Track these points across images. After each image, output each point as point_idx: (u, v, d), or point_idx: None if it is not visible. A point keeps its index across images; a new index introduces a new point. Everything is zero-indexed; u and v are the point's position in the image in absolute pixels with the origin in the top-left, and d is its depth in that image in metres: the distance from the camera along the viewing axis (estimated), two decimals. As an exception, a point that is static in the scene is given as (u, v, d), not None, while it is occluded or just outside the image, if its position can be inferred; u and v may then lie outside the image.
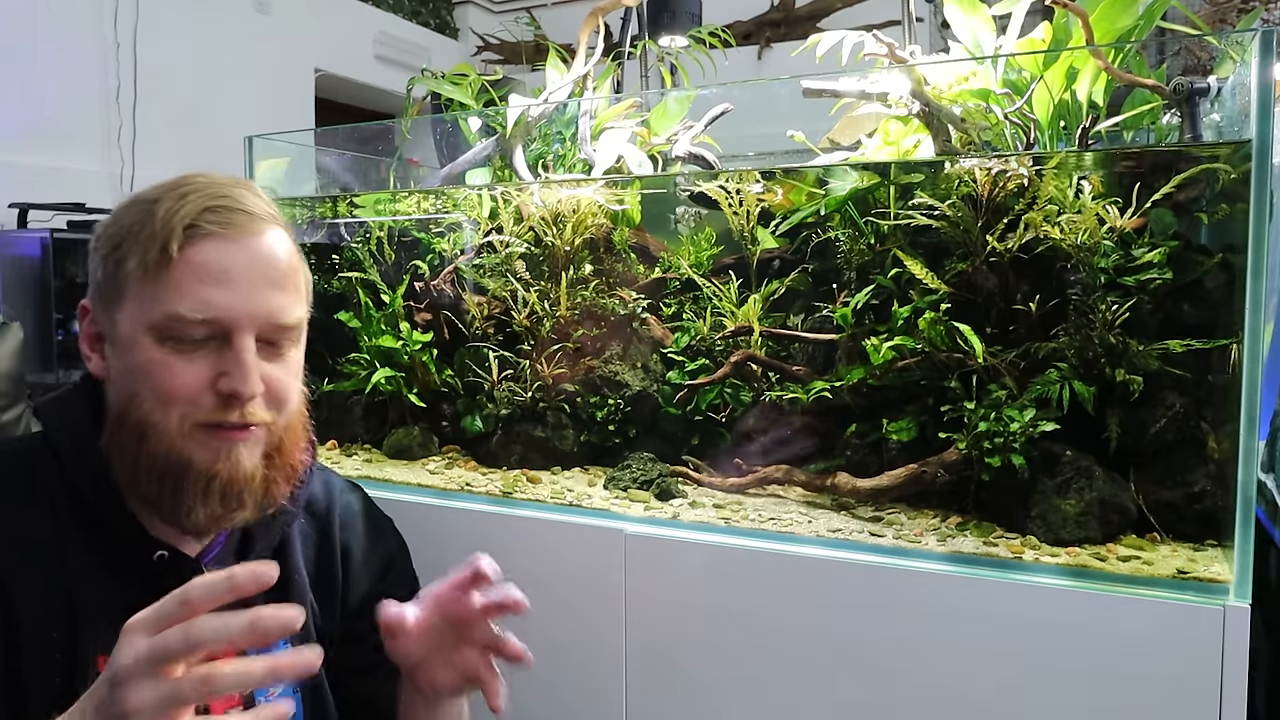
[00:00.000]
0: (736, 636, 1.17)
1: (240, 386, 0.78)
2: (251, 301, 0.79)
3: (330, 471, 1.06)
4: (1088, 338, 1.14)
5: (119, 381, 0.81)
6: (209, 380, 0.79)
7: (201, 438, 0.79)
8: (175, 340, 0.78)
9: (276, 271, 0.82)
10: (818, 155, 1.44)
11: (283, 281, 0.82)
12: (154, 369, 0.78)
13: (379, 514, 1.08)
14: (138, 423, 0.79)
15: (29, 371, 2.22)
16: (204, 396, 0.79)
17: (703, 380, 1.41)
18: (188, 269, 0.78)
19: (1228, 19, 2.46)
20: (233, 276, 0.79)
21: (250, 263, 0.80)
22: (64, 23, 3.68)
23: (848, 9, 5.19)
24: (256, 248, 0.81)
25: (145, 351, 0.78)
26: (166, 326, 0.78)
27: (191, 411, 0.79)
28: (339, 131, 2.09)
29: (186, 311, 0.77)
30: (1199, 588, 0.99)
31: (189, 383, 0.78)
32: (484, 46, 6.01)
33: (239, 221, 0.80)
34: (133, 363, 0.79)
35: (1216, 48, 1.47)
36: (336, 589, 0.99)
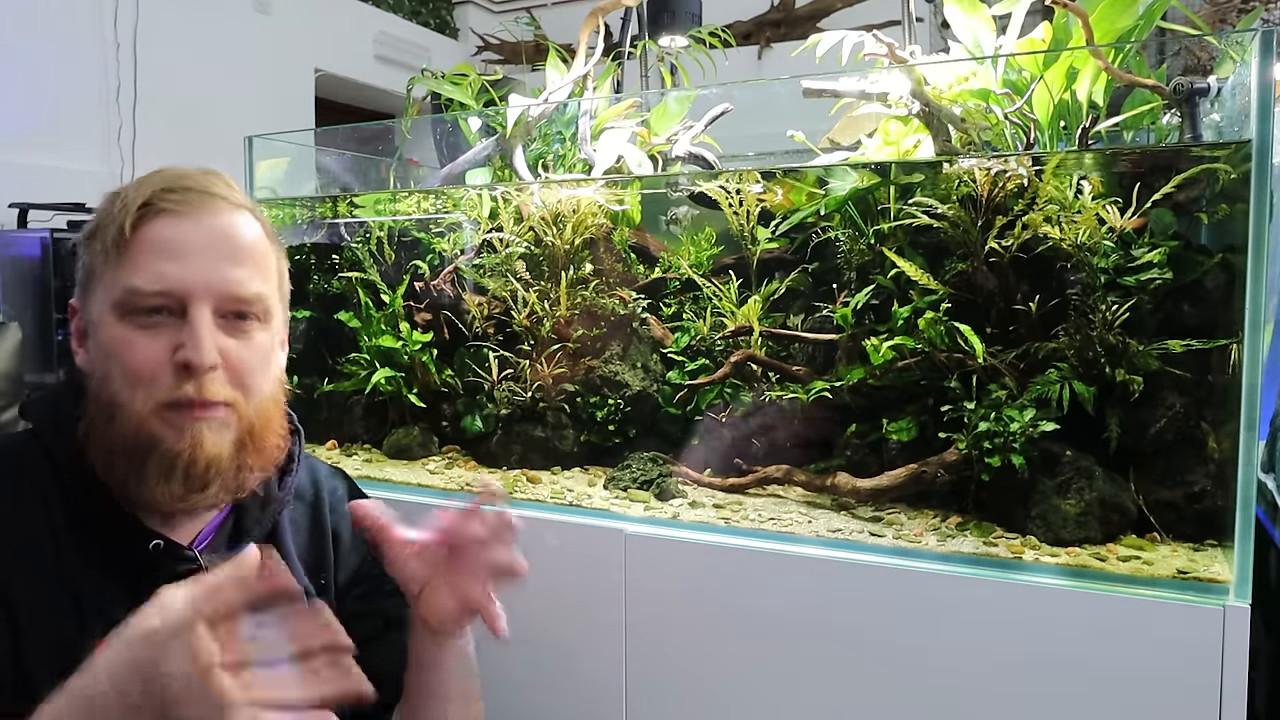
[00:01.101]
0: (736, 636, 1.17)
1: (193, 355, 0.79)
2: (206, 273, 0.81)
3: (313, 458, 1.07)
4: (1088, 338, 1.14)
5: (95, 367, 0.83)
6: (168, 353, 0.80)
7: (166, 415, 0.80)
8: (135, 315, 0.80)
9: (234, 246, 0.83)
10: (818, 155, 1.44)
11: (241, 257, 0.83)
12: (117, 346, 0.80)
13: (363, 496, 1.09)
14: (106, 403, 0.80)
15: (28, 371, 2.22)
16: (163, 371, 0.80)
17: (703, 380, 1.41)
18: (143, 245, 0.80)
19: (1228, 19, 2.46)
20: (187, 250, 0.81)
21: (205, 237, 0.82)
22: (64, 23, 3.68)
23: (848, 9, 5.19)
24: (212, 224, 0.83)
25: (110, 330, 0.80)
26: (125, 301, 0.80)
27: (154, 390, 0.80)
28: (339, 131, 2.09)
29: (141, 284, 0.79)
30: (1199, 588, 0.99)
31: (149, 357, 0.79)
32: (484, 46, 6.01)
33: (195, 200, 0.82)
34: (102, 344, 0.81)
35: (1216, 48, 1.47)
36: (329, 571, 1.01)
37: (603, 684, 1.24)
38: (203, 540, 0.89)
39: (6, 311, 3.26)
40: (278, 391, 0.88)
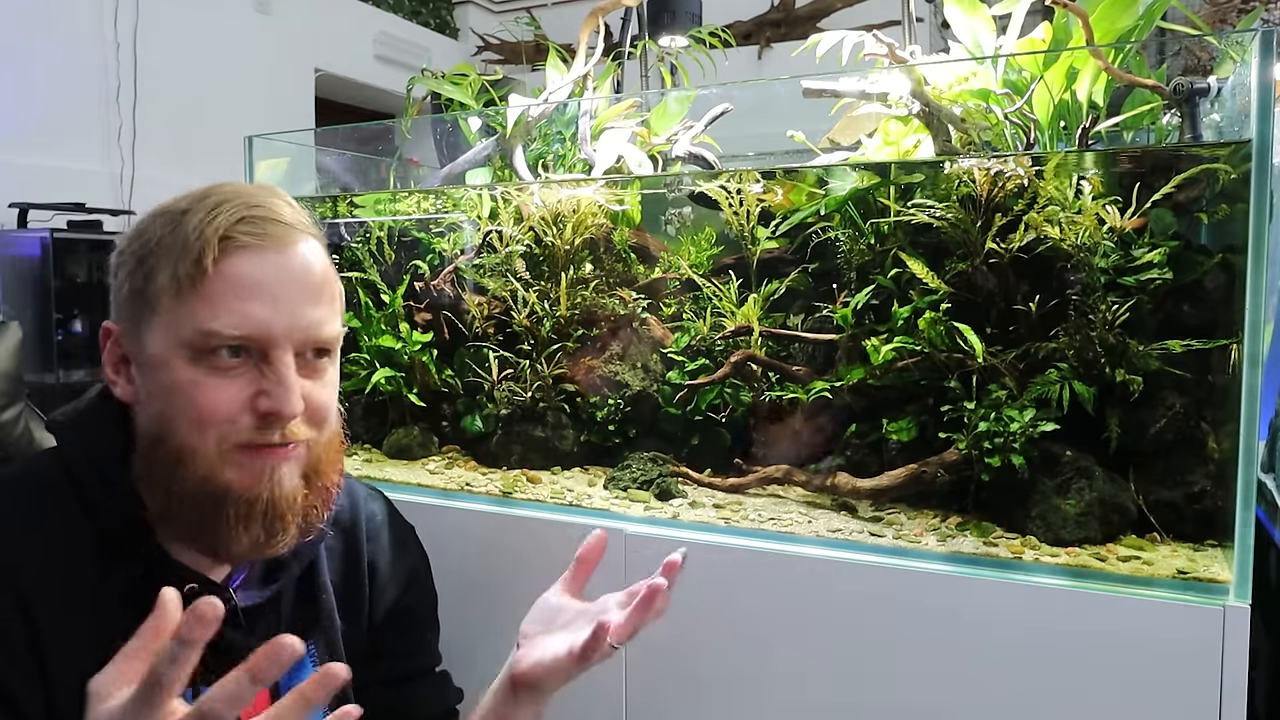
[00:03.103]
0: (736, 636, 1.17)
1: (282, 406, 0.74)
2: (289, 316, 0.76)
3: (350, 478, 1.02)
4: (1088, 338, 1.14)
5: (150, 405, 0.77)
6: (248, 400, 0.75)
7: (241, 459, 0.75)
8: (211, 357, 0.74)
9: (313, 284, 0.78)
10: (818, 155, 1.44)
11: (319, 294, 0.79)
12: (189, 389, 0.74)
13: (403, 523, 1.05)
14: (174, 449, 0.75)
15: (28, 371, 2.22)
16: (242, 417, 0.75)
17: (703, 380, 1.41)
18: (223, 283, 0.74)
19: (1228, 19, 2.46)
20: (269, 290, 0.75)
21: (287, 276, 0.76)
22: (64, 23, 3.68)
23: (848, 9, 5.19)
24: (292, 259, 0.77)
25: (179, 372, 0.74)
26: (201, 344, 0.74)
27: (230, 433, 0.75)
28: (339, 131, 2.09)
29: (223, 328, 0.73)
30: (1199, 588, 0.99)
31: (227, 403, 0.74)
32: (484, 46, 6.01)
33: (275, 233, 0.77)
34: (165, 384, 0.75)
35: (1216, 48, 1.47)
36: (363, 603, 0.96)
37: (603, 684, 1.24)
38: (237, 577, 0.85)
39: (6, 311, 3.26)
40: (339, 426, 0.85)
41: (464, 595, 1.32)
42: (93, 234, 3.38)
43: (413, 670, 1.03)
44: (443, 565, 1.23)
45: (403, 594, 1.01)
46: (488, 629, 1.31)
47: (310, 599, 0.90)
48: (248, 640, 0.82)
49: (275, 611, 0.87)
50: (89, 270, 3.41)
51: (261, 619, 0.85)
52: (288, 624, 0.87)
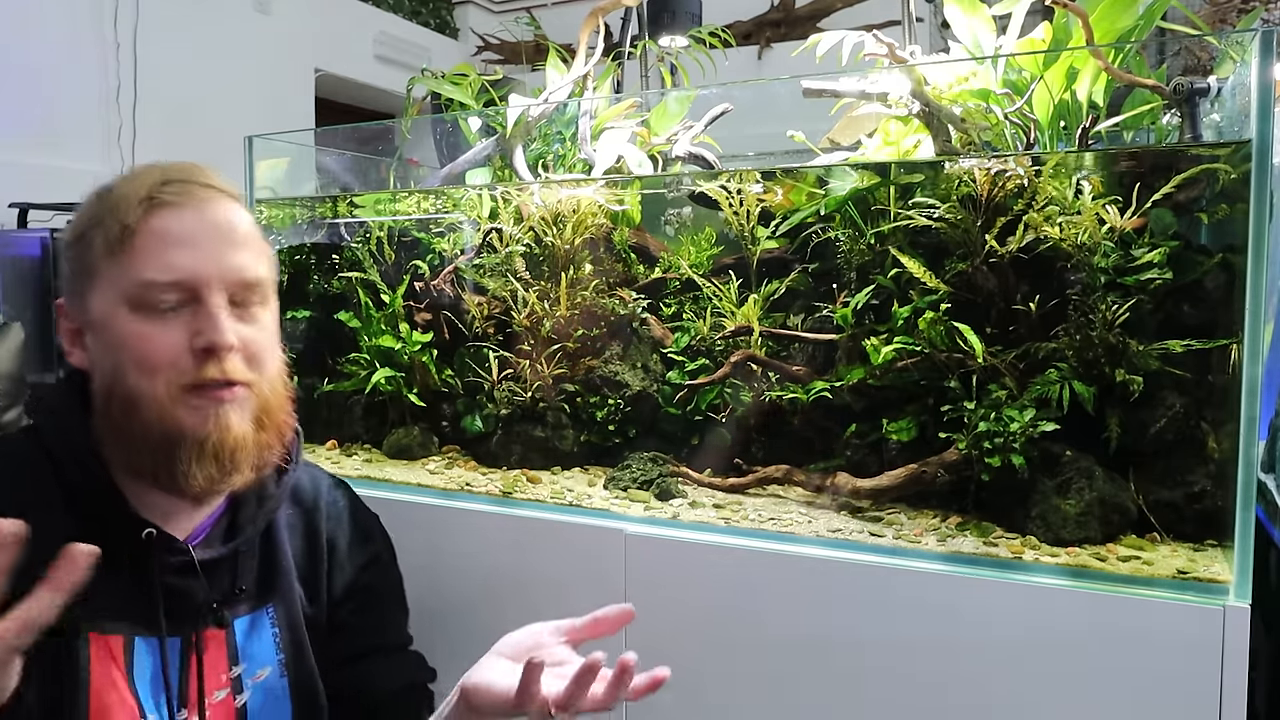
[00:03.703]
0: (736, 636, 1.17)
1: (215, 338, 0.81)
2: (216, 260, 0.83)
3: (317, 467, 1.08)
4: (1088, 338, 1.14)
5: (102, 362, 0.84)
6: (186, 341, 0.81)
7: (190, 401, 0.82)
8: (148, 308, 0.81)
9: (236, 233, 0.86)
10: (818, 155, 1.44)
11: (243, 241, 0.86)
12: (132, 340, 0.81)
13: (366, 512, 1.09)
14: (125, 395, 0.81)
15: (29, 372, 2.22)
16: (183, 358, 0.81)
17: (703, 380, 1.41)
18: (150, 237, 0.81)
19: (1228, 19, 2.46)
20: (195, 239, 0.83)
21: (210, 226, 0.84)
22: (64, 23, 3.68)
23: (848, 9, 5.19)
24: (214, 213, 0.85)
25: (121, 324, 0.81)
26: (138, 295, 0.81)
27: (175, 376, 0.81)
28: (339, 131, 2.09)
29: (155, 275, 0.80)
30: (1199, 588, 0.99)
31: (167, 346, 0.81)
32: (484, 46, 6.01)
33: (195, 192, 0.84)
34: (112, 339, 0.82)
35: (1216, 48, 1.47)
36: (321, 578, 1.01)
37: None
38: (197, 536, 0.90)
39: (7, 311, 3.26)
40: (283, 370, 0.91)
41: (464, 595, 1.32)
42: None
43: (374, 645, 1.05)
44: (443, 565, 1.23)
45: (362, 573, 1.04)
46: (487, 629, 1.31)
47: (270, 564, 0.95)
48: (207, 591, 0.89)
49: (233, 568, 0.92)
50: (89, 270, 3.39)
51: (219, 573, 0.91)
52: (249, 584, 0.93)
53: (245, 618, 0.92)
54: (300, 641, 0.96)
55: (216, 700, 0.89)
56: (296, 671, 0.95)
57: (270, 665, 0.93)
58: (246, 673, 0.91)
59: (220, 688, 0.89)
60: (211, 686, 0.88)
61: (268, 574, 0.95)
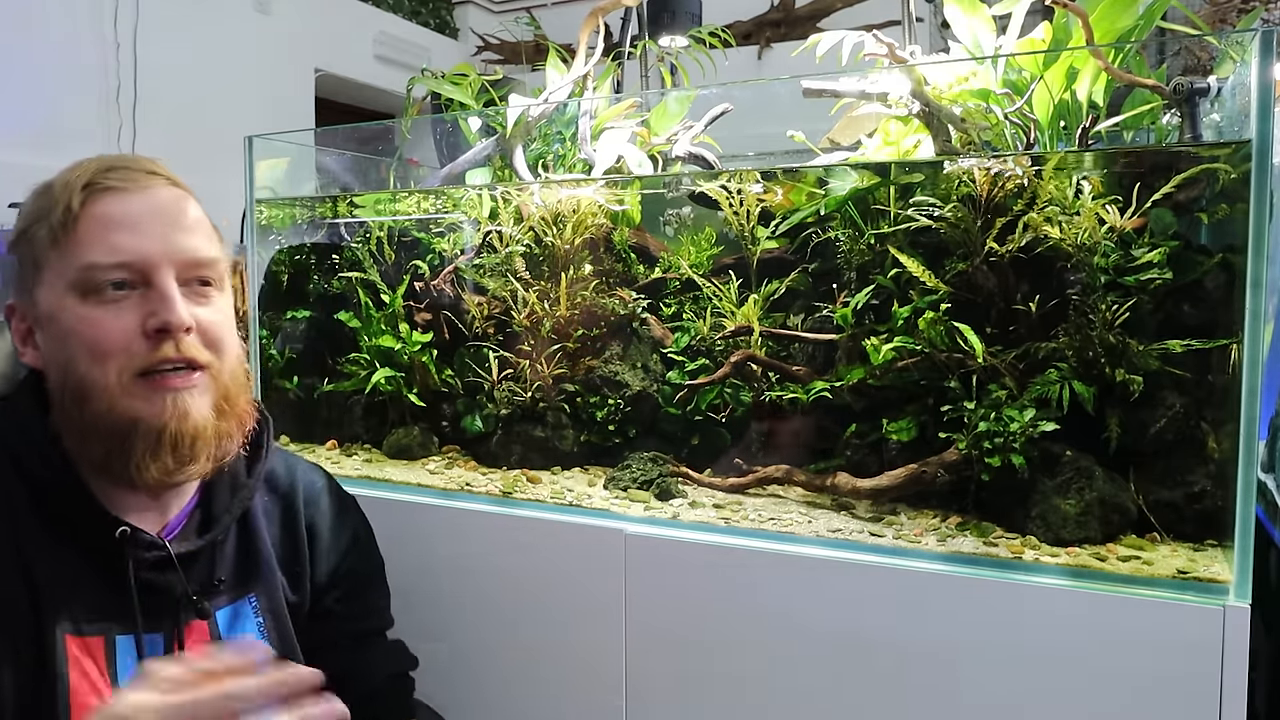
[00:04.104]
0: (736, 636, 1.17)
1: (169, 316, 0.79)
2: (162, 241, 0.81)
3: (289, 453, 1.07)
4: (1088, 338, 1.14)
5: (54, 356, 0.81)
6: (138, 325, 0.79)
7: (143, 391, 0.79)
8: (96, 293, 0.79)
9: (183, 217, 0.84)
10: (818, 155, 1.44)
11: (190, 225, 0.84)
12: (81, 327, 0.79)
13: (343, 493, 1.08)
14: (76, 386, 0.79)
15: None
16: (136, 342, 0.79)
17: (703, 380, 1.41)
18: (93, 222, 0.80)
19: (1228, 19, 2.46)
20: (139, 221, 0.81)
21: (154, 209, 0.82)
22: (64, 23, 3.68)
23: (848, 9, 5.19)
24: (158, 197, 0.83)
25: (70, 312, 0.79)
26: (84, 280, 0.79)
27: (127, 362, 0.79)
28: (339, 131, 2.09)
29: (99, 258, 0.79)
30: (1199, 588, 0.99)
31: (118, 330, 0.79)
32: (484, 46, 6.01)
33: (137, 178, 0.83)
34: (61, 330, 0.80)
35: (1216, 48, 1.47)
36: (304, 564, 1.00)
37: (603, 684, 1.24)
38: (172, 529, 0.89)
39: (6, 311, 3.26)
40: (242, 357, 0.89)
41: (464, 595, 1.32)
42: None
43: (362, 632, 1.05)
44: (443, 565, 1.24)
45: (344, 557, 1.03)
46: (487, 629, 1.31)
47: (249, 551, 0.94)
48: (185, 584, 0.87)
49: (211, 560, 0.90)
50: (89, 270, 3.40)
51: (197, 566, 0.89)
52: (228, 575, 0.92)
53: (227, 608, 0.91)
54: (285, 630, 0.95)
55: None
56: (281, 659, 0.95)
57: None
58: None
59: None
60: None
61: (247, 563, 0.93)
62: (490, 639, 1.31)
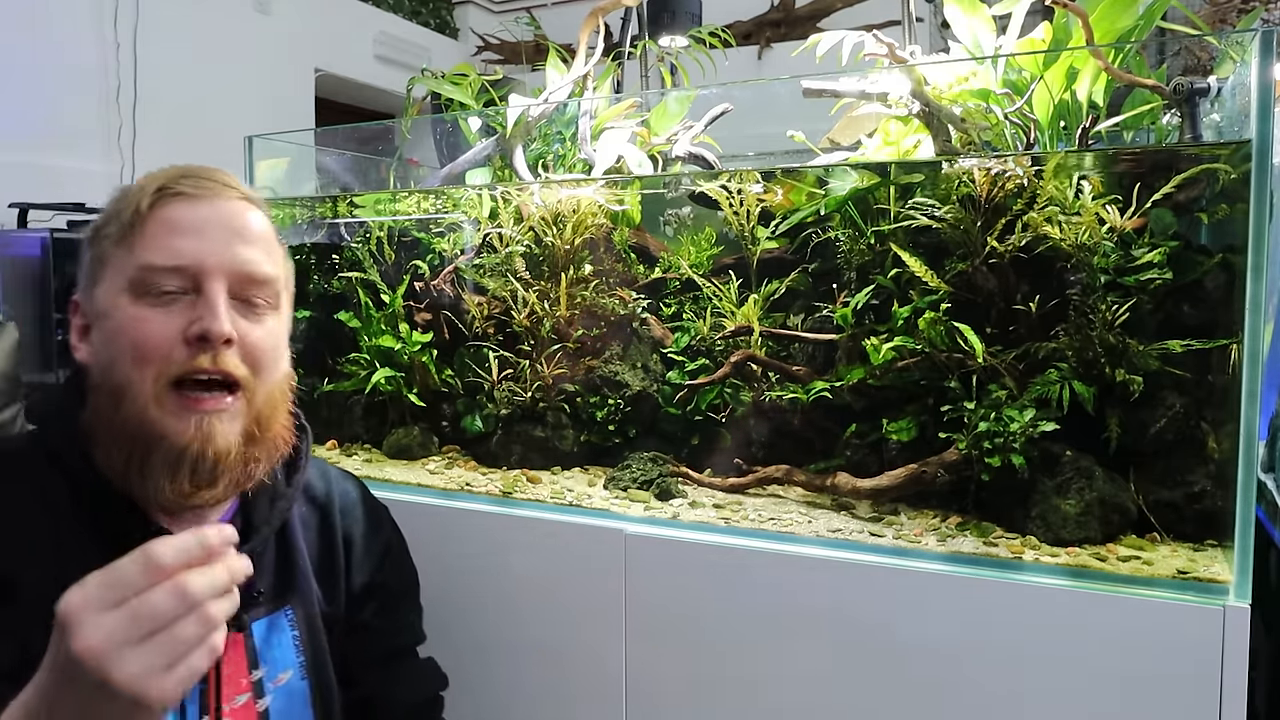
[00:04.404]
0: (736, 636, 1.17)
1: (211, 324, 0.79)
2: (221, 251, 0.81)
3: (323, 461, 1.06)
4: (1088, 338, 1.14)
5: (101, 354, 0.82)
6: (181, 330, 0.79)
7: (174, 405, 0.79)
8: (150, 294, 0.79)
9: (247, 230, 0.84)
10: (818, 155, 1.44)
11: (253, 239, 0.84)
12: (130, 325, 0.79)
13: (376, 502, 1.08)
14: (113, 387, 0.79)
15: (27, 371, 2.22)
16: (176, 349, 0.79)
17: (703, 380, 1.41)
18: (158, 225, 0.80)
19: (1228, 19, 2.46)
20: (202, 228, 0.81)
21: (219, 218, 0.83)
22: (64, 23, 3.68)
23: (848, 9, 5.19)
24: (226, 208, 0.83)
25: (122, 311, 0.80)
26: (140, 280, 0.79)
27: (164, 368, 0.78)
28: (339, 131, 2.09)
29: (157, 260, 0.79)
30: (1199, 588, 0.99)
31: (162, 332, 0.79)
32: (484, 46, 6.01)
33: (210, 187, 0.83)
34: (111, 327, 0.80)
35: (1216, 48, 1.47)
36: (339, 575, 0.99)
37: (603, 684, 1.24)
38: None
39: (6, 311, 3.26)
40: (285, 383, 0.88)
41: (463, 595, 1.32)
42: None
43: (396, 648, 1.04)
44: (443, 565, 1.23)
45: (378, 568, 1.03)
46: (487, 629, 1.31)
47: (287, 562, 0.93)
48: None
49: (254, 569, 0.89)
50: (89, 270, 3.40)
51: None
52: (266, 584, 0.91)
53: (263, 620, 0.90)
54: (319, 643, 0.93)
55: (238, 705, 0.86)
56: (317, 674, 0.93)
57: (291, 668, 0.91)
58: (268, 676, 0.89)
59: (241, 692, 0.87)
60: (231, 692, 0.86)
61: (285, 574, 0.92)
62: (490, 639, 1.31)
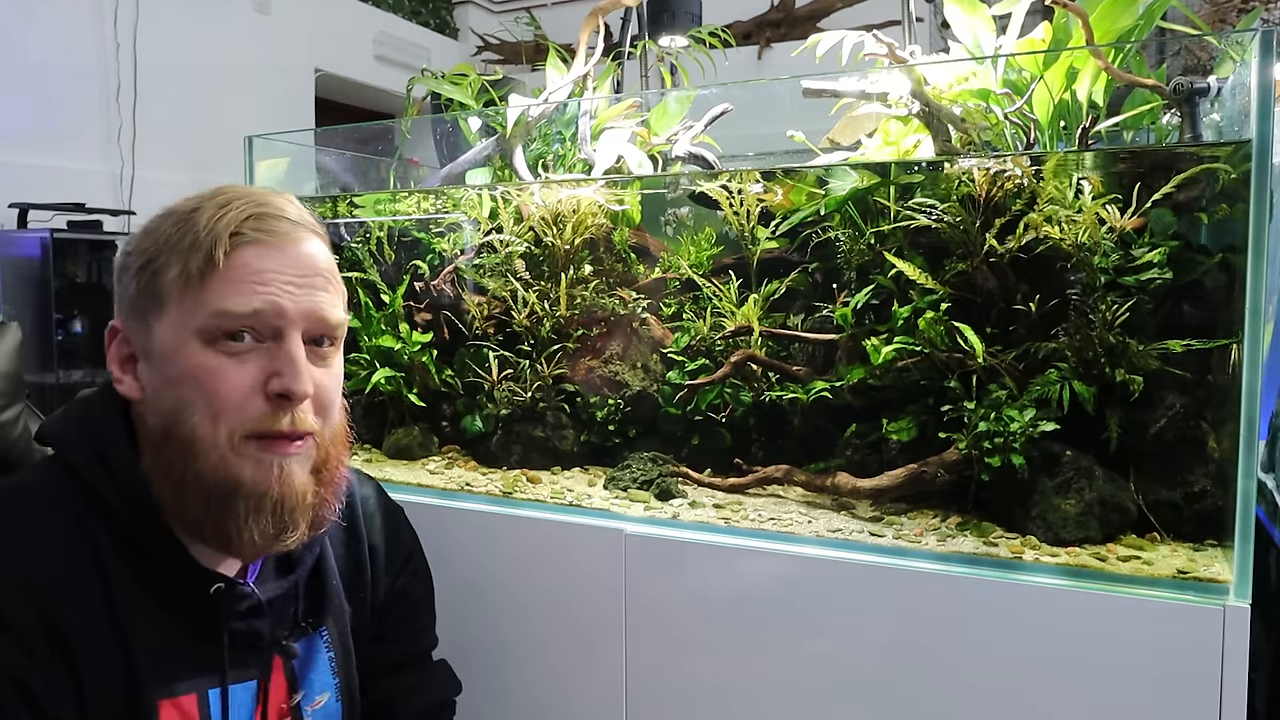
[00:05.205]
0: (736, 636, 1.17)
1: (293, 385, 0.77)
2: (297, 299, 0.79)
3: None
4: (1088, 338, 1.14)
5: (160, 396, 0.78)
6: (260, 383, 0.77)
7: (252, 453, 0.77)
8: (223, 341, 0.77)
9: (319, 274, 0.82)
10: (818, 155, 1.44)
11: (324, 283, 0.83)
12: (202, 374, 0.76)
13: (393, 505, 1.07)
14: (184, 438, 0.76)
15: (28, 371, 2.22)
16: (254, 401, 0.77)
17: (703, 380, 1.41)
18: (233, 272, 0.77)
19: (1228, 19, 2.46)
20: (278, 276, 0.79)
21: (294, 264, 0.80)
22: (64, 23, 3.68)
23: (848, 9, 5.19)
24: (298, 252, 0.81)
25: (192, 358, 0.76)
26: (215, 326, 0.76)
27: (241, 421, 0.76)
28: (339, 131, 2.09)
29: (234, 306, 0.76)
30: (1199, 588, 0.99)
31: (239, 385, 0.76)
32: (484, 46, 6.01)
33: (281, 229, 0.81)
34: (177, 372, 0.77)
35: (1216, 48, 1.47)
36: (366, 587, 0.98)
37: (603, 684, 1.24)
38: (252, 571, 0.86)
39: (6, 311, 3.26)
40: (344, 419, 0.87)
41: (464, 595, 1.32)
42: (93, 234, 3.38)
43: (414, 654, 1.04)
44: (443, 565, 1.23)
45: (400, 575, 1.02)
46: (487, 629, 1.31)
47: (321, 586, 0.92)
48: (271, 629, 0.85)
49: (294, 600, 0.89)
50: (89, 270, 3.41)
51: (281, 608, 0.87)
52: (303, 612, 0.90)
53: (301, 642, 0.89)
54: (349, 661, 0.93)
55: None
56: (349, 694, 0.92)
57: (329, 690, 0.90)
58: (305, 699, 0.88)
59: (282, 717, 0.86)
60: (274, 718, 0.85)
61: (319, 595, 0.91)
62: (490, 639, 1.31)
